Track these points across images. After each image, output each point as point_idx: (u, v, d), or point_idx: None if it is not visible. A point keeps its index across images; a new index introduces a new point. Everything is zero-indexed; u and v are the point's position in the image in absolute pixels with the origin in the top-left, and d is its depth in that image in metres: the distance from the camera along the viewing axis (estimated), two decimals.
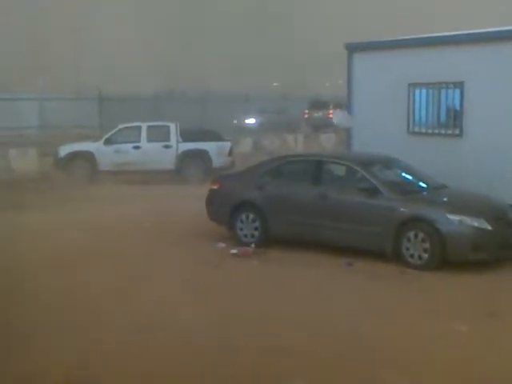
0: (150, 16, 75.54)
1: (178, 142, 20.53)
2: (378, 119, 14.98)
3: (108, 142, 20.33)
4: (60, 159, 20.18)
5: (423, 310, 8.34)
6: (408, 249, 10.26)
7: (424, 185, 11.49)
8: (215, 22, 79.02)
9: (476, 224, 10.07)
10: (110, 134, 20.72)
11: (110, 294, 8.80)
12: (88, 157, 20.03)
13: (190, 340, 7.14)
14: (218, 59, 72.29)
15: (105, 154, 20.00)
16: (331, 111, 34.74)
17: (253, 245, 11.46)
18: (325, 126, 32.97)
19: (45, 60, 63.34)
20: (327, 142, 29.03)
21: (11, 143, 23.32)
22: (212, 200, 12.34)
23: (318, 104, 38.74)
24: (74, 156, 20.06)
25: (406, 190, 11.12)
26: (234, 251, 11.14)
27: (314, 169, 11.60)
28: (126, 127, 20.85)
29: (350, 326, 7.62)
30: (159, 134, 20.66)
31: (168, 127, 20.86)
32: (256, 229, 11.67)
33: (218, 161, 20.46)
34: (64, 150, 20.34)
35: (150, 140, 20.44)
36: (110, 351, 6.76)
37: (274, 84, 62.03)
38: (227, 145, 21.24)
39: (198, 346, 6.96)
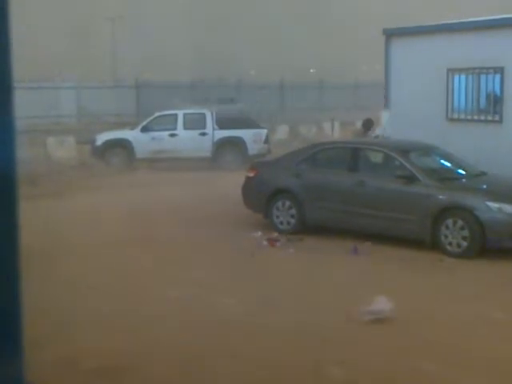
0: (188, 4, 75.62)
1: (214, 129, 20.55)
2: (416, 105, 14.79)
3: (145, 129, 20.42)
4: (97, 147, 20.33)
5: (461, 297, 8.25)
6: (446, 236, 10.14)
7: (463, 172, 11.33)
8: (252, 9, 78.80)
9: None
10: (146, 121, 20.81)
11: (141, 275, 8.88)
12: (125, 144, 20.17)
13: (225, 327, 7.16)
14: (254, 46, 72.13)
15: (141, 141, 20.11)
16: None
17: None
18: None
19: (83, 49, 63.94)
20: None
21: (50, 131, 23.58)
22: (248, 187, 12.33)
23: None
24: (112, 144, 20.21)
25: (445, 178, 10.97)
26: (264, 241, 11.09)
27: (351, 156, 11.51)
28: (163, 115, 20.94)
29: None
30: (195, 122, 20.71)
31: (204, 115, 20.88)
32: (292, 216, 11.64)
33: (253, 148, 20.44)
34: (101, 138, 20.51)
35: (186, 127, 20.50)
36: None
37: (311, 71, 61.72)
38: (263, 132, 21.20)
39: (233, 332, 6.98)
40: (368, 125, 15.95)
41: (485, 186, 10.83)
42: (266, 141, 21.00)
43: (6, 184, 1.56)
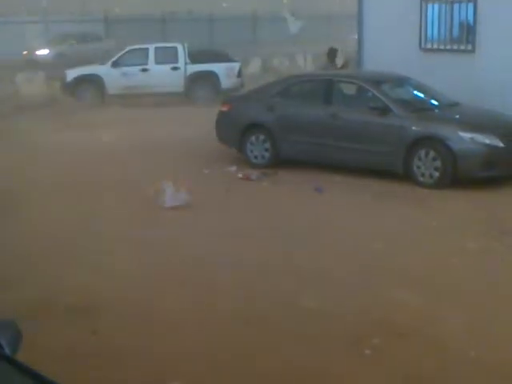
0: None
1: (186, 63, 20.26)
2: (389, 36, 14.70)
3: (115, 64, 20.05)
4: (68, 83, 19.98)
5: (434, 228, 8.37)
6: (419, 167, 10.22)
7: (436, 102, 11.34)
8: None
9: (488, 141, 9.97)
10: (117, 56, 20.42)
11: (108, 215, 8.88)
12: (96, 80, 19.83)
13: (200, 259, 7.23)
14: None
15: (113, 77, 19.76)
16: None
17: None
18: None
19: None
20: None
21: (18, 67, 23.09)
22: (221, 122, 12.26)
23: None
24: (82, 79, 19.86)
25: (418, 108, 10.97)
26: (240, 175, 11.10)
27: (325, 88, 11.44)
28: (134, 49, 20.54)
29: (359, 245, 7.67)
30: (167, 56, 20.36)
31: (176, 48, 20.53)
32: (266, 150, 11.64)
33: (226, 82, 20.19)
34: (71, 74, 20.11)
35: (157, 62, 20.18)
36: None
37: (284, 1, 60.69)
38: (236, 66, 20.92)
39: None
40: (332, 54, 15.72)
41: (457, 117, 10.86)
42: (239, 74, 20.75)
43: None
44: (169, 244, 7.84)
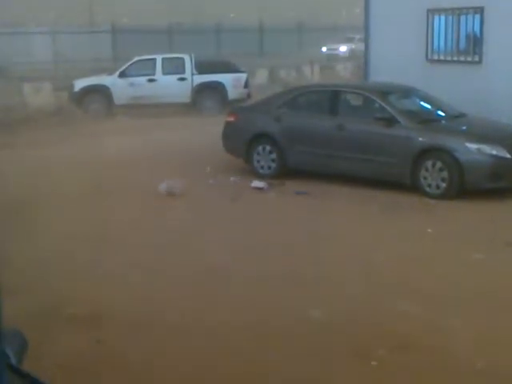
0: None
1: (192, 74, 20.32)
2: (396, 47, 14.71)
3: (123, 75, 20.14)
4: (75, 93, 20.06)
5: (441, 238, 8.34)
6: (426, 178, 10.20)
7: (442, 113, 11.34)
8: None
9: (494, 152, 9.95)
10: (124, 67, 20.51)
11: (120, 225, 8.89)
12: (103, 90, 19.92)
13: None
14: None
15: (120, 87, 19.86)
16: None
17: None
18: None
19: None
20: (344, 72, 28.65)
21: (26, 78, 23.18)
22: (228, 132, 12.27)
23: None
24: (89, 90, 19.94)
25: (424, 119, 10.97)
26: (253, 183, 11.10)
27: (331, 99, 11.46)
28: (141, 60, 20.62)
29: (365, 256, 7.65)
30: (174, 67, 20.44)
31: (183, 59, 20.60)
32: (273, 161, 11.64)
33: (233, 93, 20.25)
34: (79, 84, 20.20)
35: (165, 73, 20.26)
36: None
37: (291, 13, 60.89)
38: (243, 76, 20.98)
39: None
40: None
41: (464, 128, 10.85)
42: (246, 85, 20.80)
43: None
44: (174, 252, 7.84)
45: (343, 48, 38.37)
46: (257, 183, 11.11)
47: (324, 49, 38.04)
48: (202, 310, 6.20)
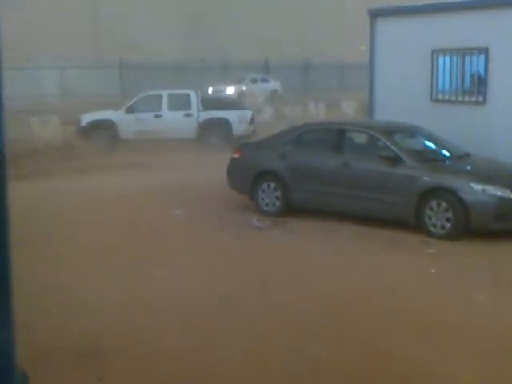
0: None
1: (198, 110, 20.45)
2: (400, 86, 14.80)
3: (129, 110, 20.31)
4: (82, 127, 20.20)
5: (444, 278, 8.31)
6: (430, 218, 10.19)
7: (447, 153, 11.37)
8: None
9: (499, 193, 9.96)
10: (131, 102, 20.68)
11: (127, 258, 8.88)
12: (109, 125, 20.05)
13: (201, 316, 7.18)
14: (238, 28, 71.53)
15: (126, 122, 20.00)
16: None
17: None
18: None
19: (64, 28, 63.13)
20: (349, 110, 28.82)
21: (33, 111, 23.36)
22: (233, 169, 12.31)
23: None
24: (96, 125, 20.08)
25: (429, 159, 11.01)
26: (254, 222, 11.10)
27: (336, 137, 11.51)
28: (147, 95, 20.80)
29: (365, 296, 7.61)
30: (180, 103, 20.59)
31: (189, 95, 20.76)
32: (277, 198, 11.65)
33: (239, 129, 20.36)
34: (86, 119, 20.36)
35: (171, 109, 20.40)
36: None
37: (296, 50, 61.40)
38: (248, 113, 21.13)
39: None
40: None
41: (469, 168, 10.88)
42: (251, 122, 20.92)
43: None
44: (174, 286, 7.81)
45: (230, 90, 34.88)
46: (256, 223, 11.10)
47: (210, 90, 34.19)
48: (203, 347, 6.16)
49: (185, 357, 5.94)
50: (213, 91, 34.45)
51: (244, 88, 35.29)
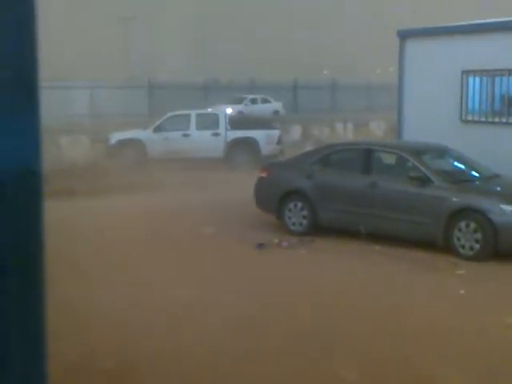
0: (200, 3, 75.65)
1: (226, 129, 20.55)
2: (429, 107, 14.74)
3: (158, 129, 20.47)
4: (111, 146, 20.40)
5: (473, 301, 8.20)
6: (459, 239, 10.10)
7: (476, 174, 11.28)
8: (264, 8, 78.73)
9: None
10: (159, 122, 20.85)
11: (150, 274, 8.90)
12: (138, 144, 20.21)
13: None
14: (266, 48, 72.06)
15: (154, 141, 20.14)
16: None
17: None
18: None
19: (95, 48, 64.05)
20: (377, 130, 28.78)
21: (63, 131, 23.64)
22: (260, 188, 12.33)
23: None
24: (124, 144, 20.25)
25: (458, 180, 10.93)
26: (281, 241, 11.09)
27: (364, 157, 11.48)
28: (175, 115, 20.96)
29: (395, 317, 7.54)
30: (208, 122, 20.73)
31: (217, 115, 20.89)
32: (304, 217, 11.63)
33: (266, 149, 20.41)
34: (115, 138, 20.56)
35: (198, 128, 20.52)
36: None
37: (324, 72, 61.63)
38: (276, 133, 21.18)
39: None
40: None
41: (499, 189, 10.78)
42: (279, 142, 20.98)
43: (34, 181, 1.58)
44: (200, 303, 7.82)
45: (228, 110, 32.38)
46: (283, 242, 11.07)
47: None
48: (227, 366, 6.14)
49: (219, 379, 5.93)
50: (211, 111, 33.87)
51: (242, 109, 34.55)
